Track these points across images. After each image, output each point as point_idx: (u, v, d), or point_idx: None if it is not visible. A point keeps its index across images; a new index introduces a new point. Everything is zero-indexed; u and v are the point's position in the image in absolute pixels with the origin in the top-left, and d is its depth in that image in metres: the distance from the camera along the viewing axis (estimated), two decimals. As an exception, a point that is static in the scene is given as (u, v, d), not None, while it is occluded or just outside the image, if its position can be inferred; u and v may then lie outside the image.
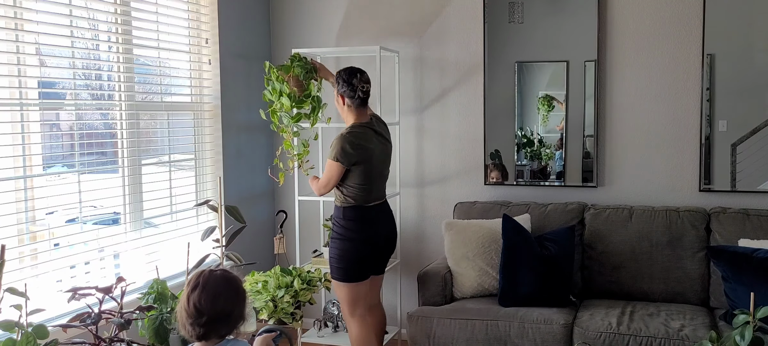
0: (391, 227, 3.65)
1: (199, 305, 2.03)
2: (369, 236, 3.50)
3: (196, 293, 2.04)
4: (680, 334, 3.18)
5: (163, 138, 3.92)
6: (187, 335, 2.08)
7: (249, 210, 4.28)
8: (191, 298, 2.04)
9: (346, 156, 3.40)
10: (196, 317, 2.03)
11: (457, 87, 4.37)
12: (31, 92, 3.05)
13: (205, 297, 2.03)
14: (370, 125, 3.53)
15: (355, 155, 3.40)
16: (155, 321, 2.82)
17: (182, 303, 2.07)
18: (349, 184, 3.46)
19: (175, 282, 3.76)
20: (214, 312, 2.04)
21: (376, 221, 3.53)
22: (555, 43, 4.13)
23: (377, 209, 3.54)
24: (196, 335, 2.05)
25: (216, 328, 2.06)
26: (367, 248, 3.51)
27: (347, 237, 3.47)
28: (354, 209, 3.47)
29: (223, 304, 2.05)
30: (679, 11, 3.94)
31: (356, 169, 3.43)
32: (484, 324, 3.46)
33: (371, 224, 3.51)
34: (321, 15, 4.62)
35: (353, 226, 3.47)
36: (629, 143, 4.09)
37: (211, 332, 2.06)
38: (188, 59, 4.09)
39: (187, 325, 2.05)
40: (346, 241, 3.47)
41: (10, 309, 2.37)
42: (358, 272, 3.51)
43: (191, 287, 2.06)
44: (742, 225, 3.63)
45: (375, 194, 3.53)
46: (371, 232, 3.51)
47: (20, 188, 2.99)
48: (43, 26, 3.10)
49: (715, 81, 3.88)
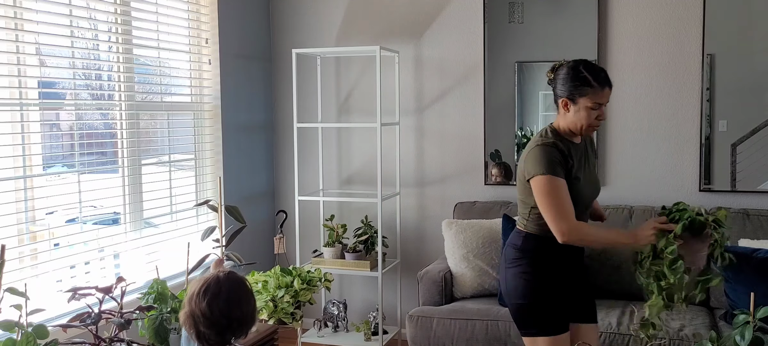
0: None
1: (229, 312, 1.99)
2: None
3: (221, 301, 1.99)
4: (680, 334, 3.19)
5: (163, 138, 3.92)
6: (200, 341, 2.03)
7: (249, 210, 4.28)
8: (216, 306, 1.99)
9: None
10: (226, 326, 1.99)
11: (457, 87, 4.37)
12: (31, 92, 3.05)
13: (233, 303, 2.01)
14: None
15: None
16: (155, 321, 2.81)
17: (199, 311, 2.00)
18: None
19: (175, 282, 3.76)
20: (239, 317, 2.02)
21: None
22: (555, 43, 4.13)
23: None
24: (224, 341, 2.02)
25: (243, 331, 2.04)
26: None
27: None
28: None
29: (245, 307, 2.04)
30: (679, 11, 3.94)
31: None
32: (484, 324, 3.46)
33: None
34: (321, 15, 4.62)
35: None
36: (629, 143, 4.09)
37: (236, 336, 2.04)
38: (188, 59, 4.09)
39: (210, 334, 2.00)
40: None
41: (10, 309, 2.37)
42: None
43: (212, 295, 2.00)
44: (742, 225, 3.63)
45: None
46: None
47: (20, 187, 2.99)
48: (43, 26, 3.10)
49: (715, 81, 3.88)
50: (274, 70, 4.75)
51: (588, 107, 2.49)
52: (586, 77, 2.49)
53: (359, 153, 4.61)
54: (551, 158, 2.47)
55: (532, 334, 2.58)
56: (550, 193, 2.44)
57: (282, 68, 4.72)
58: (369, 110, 4.52)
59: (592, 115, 2.51)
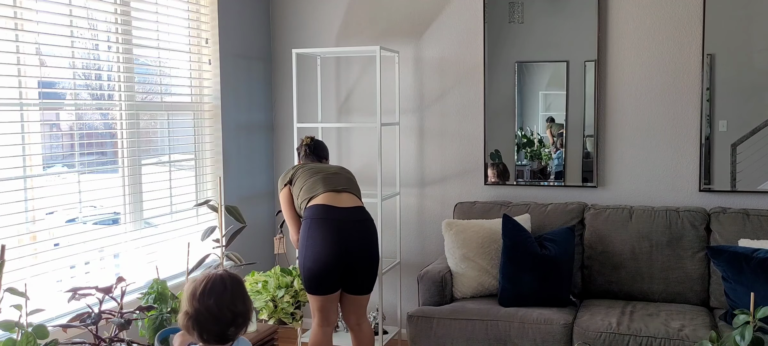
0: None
1: (234, 308, 2.07)
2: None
3: (228, 298, 2.06)
4: (680, 334, 3.19)
5: (163, 138, 3.92)
6: (203, 340, 2.08)
7: (249, 210, 4.28)
8: (223, 302, 2.05)
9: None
10: (230, 320, 2.06)
11: (457, 87, 4.37)
12: (31, 92, 3.05)
13: (237, 299, 2.09)
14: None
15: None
16: (155, 321, 2.82)
17: (205, 309, 2.05)
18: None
19: (175, 282, 3.76)
20: (243, 311, 2.11)
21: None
22: (555, 43, 4.13)
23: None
24: (225, 337, 2.09)
25: (244, 325, 2.13)
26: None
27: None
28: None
29: (248, 303, 2.14)
30: (679, 11, 3.94)
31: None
32: (484, 324, 3.46)
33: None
34: (321, 15, 4.62)
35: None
36: (629, 143, 4.09)
37: (237, 330, 2.11)
38: (188, 59, 4.09)
39: (215, 330, 2.06)
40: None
41: (10, 309, 2.37)
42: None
43: (218, 292, 2.06)
44: (742, 225, 3.63)
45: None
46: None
47: (20, 188, 2.99)
48: (43, 26, 3.10)
49: (715, 81, 3.88)
50: (274, 70, 4.75)
51: None
52: None
53: (359, 153, 4.61)
54: None
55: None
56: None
57: (282, 68, 4.72)
58: (369, 110, 4.53)
59: None
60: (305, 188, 3.44)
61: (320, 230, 3.29)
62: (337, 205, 3.35)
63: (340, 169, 3.61)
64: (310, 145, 3.72)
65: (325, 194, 3.37)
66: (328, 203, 3.34)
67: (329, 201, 3.35)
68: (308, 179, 3.46)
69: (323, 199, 3.35)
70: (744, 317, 2.17)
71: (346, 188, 3.44)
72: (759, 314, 2.14)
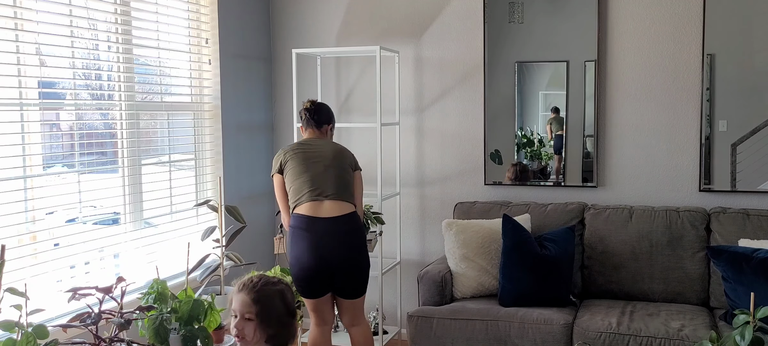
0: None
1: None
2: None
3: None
4: (680, 334, 3.19)
5: (163, 138, 3.92)
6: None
7: (249, 210, 4.28)
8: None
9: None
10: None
11: (457, 87, 4.37)
12: (31, 92, 3.05)
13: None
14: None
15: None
16: (155, 321, 2.81)
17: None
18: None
19: (175, 282, 3.77)
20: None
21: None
22: (555, 43, 4.13)
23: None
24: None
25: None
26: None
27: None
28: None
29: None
30: (679, 11, 3.94)
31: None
32: (484, 324, 3.46)
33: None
34: (321, 15, 4.62)
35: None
36: (629, 143, 4.09)
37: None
38: (188, 59, 4.09)
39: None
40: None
41: (10, 309, 2.37)
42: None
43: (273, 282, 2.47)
44: (742, 225, 3.63)
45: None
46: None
47: (20, 188, 2.99)
48: (43, 26, 3.10)
49: (715, 81, 3.88)
50: (274, 70, 4.75)
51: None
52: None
53: (359, 153, 4.59)
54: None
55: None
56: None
57: (282, 68, 4.72)
58: (369, 110, 4.53)
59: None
60: (293, 189, 3.37)
61: (303, 242, 3.27)
62: (319, 215, 3.27)
63: (332, 159, 3.41)
64: (310, 109, 3.53)
65: (308, 204, 3.29)
66: (310, 215, 3.27)
67: (311, 212, 3.28)
68: (297, 178, 3.36)
69: (306, 209, 3.28)
70: (744, 317, 2.17)
71: (332, 193, 3.32)
72: (759, 314, 2.14)
